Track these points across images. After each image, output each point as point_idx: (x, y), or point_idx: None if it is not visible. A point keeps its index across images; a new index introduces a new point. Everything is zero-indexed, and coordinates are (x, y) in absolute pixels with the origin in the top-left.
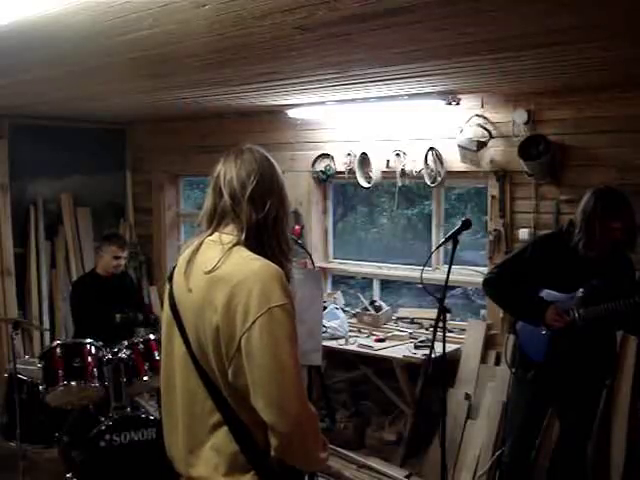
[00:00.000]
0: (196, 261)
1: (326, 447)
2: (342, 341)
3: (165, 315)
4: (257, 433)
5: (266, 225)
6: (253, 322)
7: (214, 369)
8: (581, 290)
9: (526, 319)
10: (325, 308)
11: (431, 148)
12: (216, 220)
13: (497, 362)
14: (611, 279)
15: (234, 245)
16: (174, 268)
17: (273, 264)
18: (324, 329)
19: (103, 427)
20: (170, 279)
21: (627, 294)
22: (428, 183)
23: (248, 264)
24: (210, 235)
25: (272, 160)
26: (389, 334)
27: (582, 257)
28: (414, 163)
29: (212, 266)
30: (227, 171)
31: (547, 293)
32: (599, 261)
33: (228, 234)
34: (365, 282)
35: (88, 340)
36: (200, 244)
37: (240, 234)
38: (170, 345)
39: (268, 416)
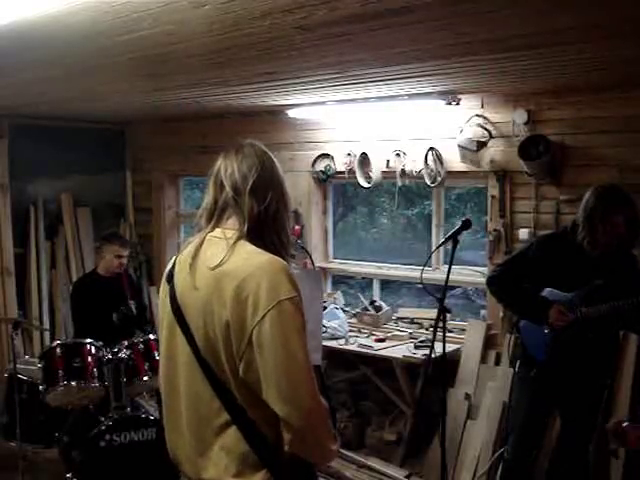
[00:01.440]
0: (200, 258)
1: (336, 439)
2: (342, 341)
3: (165, 316)
4: (267, 430)
5: (267, 217)
6: (263, 316)
7: (224, 366)
8: (584, 289)
9: (529, 318)
10: (325, 308)
11: (431, 148)
12: (217, 214)
13: (497, 362)
14: (615, 278)
15: (238, 239)
16: (172, 268)
17: (279, 258)
18: (324, 329)
19: (103, 427)
20: (169, 280)
21: (630, 293)
22: (428, 183)
23: (255, 258)
24: (211, 231)
25: (271, 155)
26: (389, 334)
27: (586, 256)
28: (414, 163)
29: (218, 262)
30: (228, 165)
31: (550, 292)
32: (603, 260)
33: (230, 228)
34: (365, 282)
35: (88, 340)
36: (202, 241)
37: (242, 227)
38: (172, 346)
39: (281, 409)
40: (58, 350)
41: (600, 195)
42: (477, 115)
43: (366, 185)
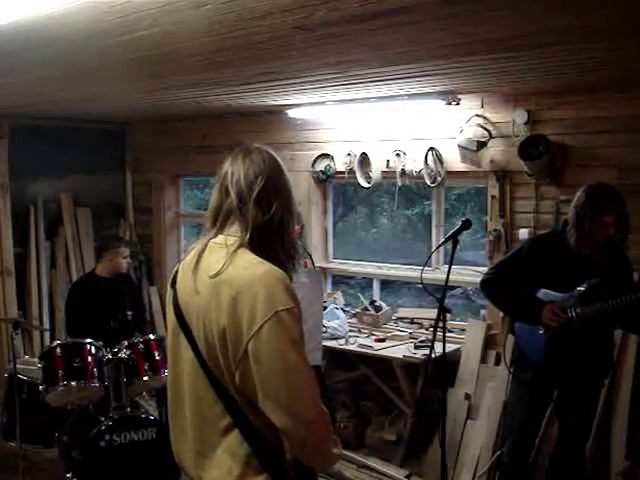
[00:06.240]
0: (201, 264)
1: (337, 443)
2: (342, 341)
3: (170, 321)
4: (268, 434)
5: (271, 227)
6: (260, 327)
7: (224, 371)
8: (578, 289)
9: (523, 319)
10: (325, 308)
11: (431, 148)
12: (221, 219)
13: (497, 362)
14: (608, 278)
15: (238, 247)
16: (176, 273)
17: (277, 268)
18: (324, 329)
19: (103, 427)
20: (173, 284)
21: (624, 292)
22: (428, 183)
23: (253, 268)
24: (214, 237)
25: (280, 161)
26: (389, 334)
27: (579, 256)
28: (414, 163)
29: (217, 270)
30: (235, 170)
31: (544, 293)
32: (596, 260)
33: (232, 235)
34: (365, 282)
35: (88, 340)
36: (204, 246)
37: (244, 234)
38: (177, 350)
39: (278, 420)
40: (58, 350)
41: (590, 194)
42: (477, 115)
43: (366, 185)
